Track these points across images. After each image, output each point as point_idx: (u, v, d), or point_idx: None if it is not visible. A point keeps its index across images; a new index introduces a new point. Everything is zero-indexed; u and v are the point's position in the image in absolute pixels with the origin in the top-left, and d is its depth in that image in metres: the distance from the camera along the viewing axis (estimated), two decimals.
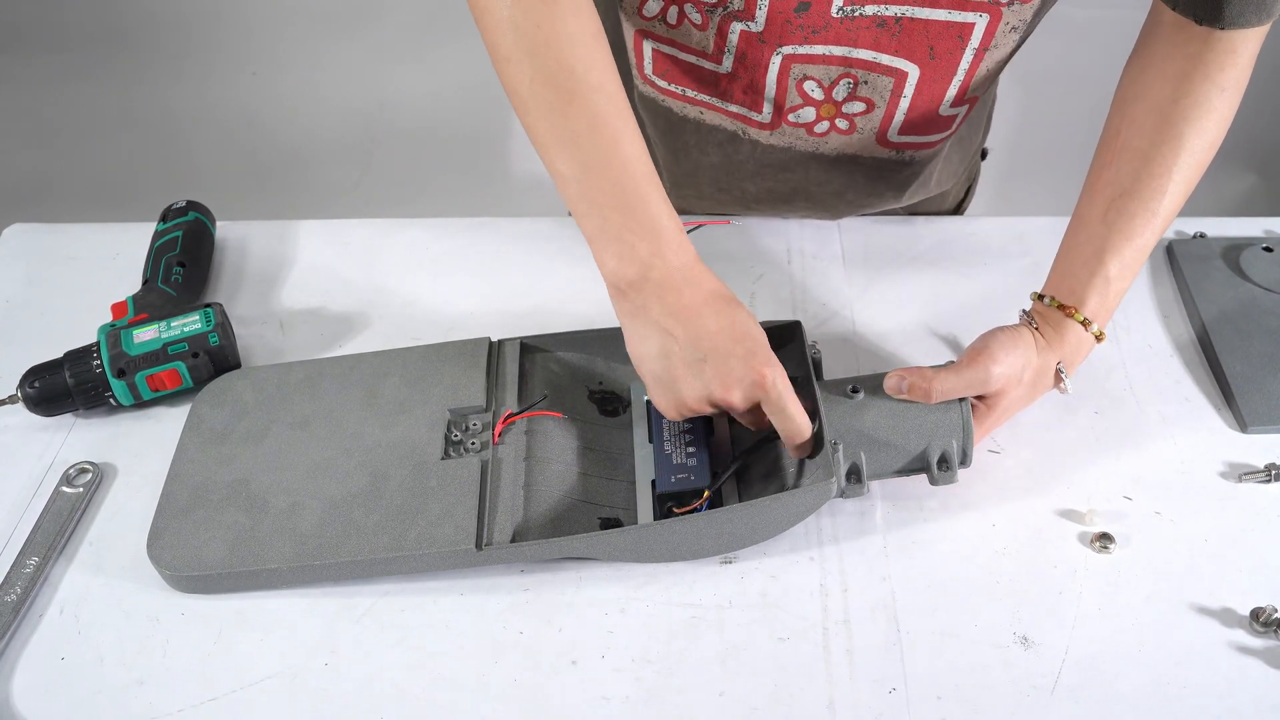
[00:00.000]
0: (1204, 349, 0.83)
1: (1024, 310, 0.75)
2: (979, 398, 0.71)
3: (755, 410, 0.68)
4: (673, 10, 0.78)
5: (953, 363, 0.71)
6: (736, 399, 0.66)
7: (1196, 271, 0.87)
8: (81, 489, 0.73)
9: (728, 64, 0.80)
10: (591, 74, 0.66)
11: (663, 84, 0.85)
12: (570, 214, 0.69)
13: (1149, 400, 0.79)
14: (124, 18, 2.03)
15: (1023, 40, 0.78)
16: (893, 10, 0.74)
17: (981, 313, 0.82)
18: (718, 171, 0.90)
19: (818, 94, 0.81)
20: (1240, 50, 0.71)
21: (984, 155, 1.04)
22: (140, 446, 0.76)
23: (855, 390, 0.70)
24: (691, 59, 0.82)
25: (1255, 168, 2.06)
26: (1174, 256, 0.90)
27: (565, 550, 0.67)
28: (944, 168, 0.92)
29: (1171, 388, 0.80)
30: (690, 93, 0.85)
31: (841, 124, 0.83)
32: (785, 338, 0.76)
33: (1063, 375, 0.72)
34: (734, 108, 0.84)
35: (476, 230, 0.94)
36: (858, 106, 0.82)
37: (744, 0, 0.74)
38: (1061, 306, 0.72)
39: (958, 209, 1.05)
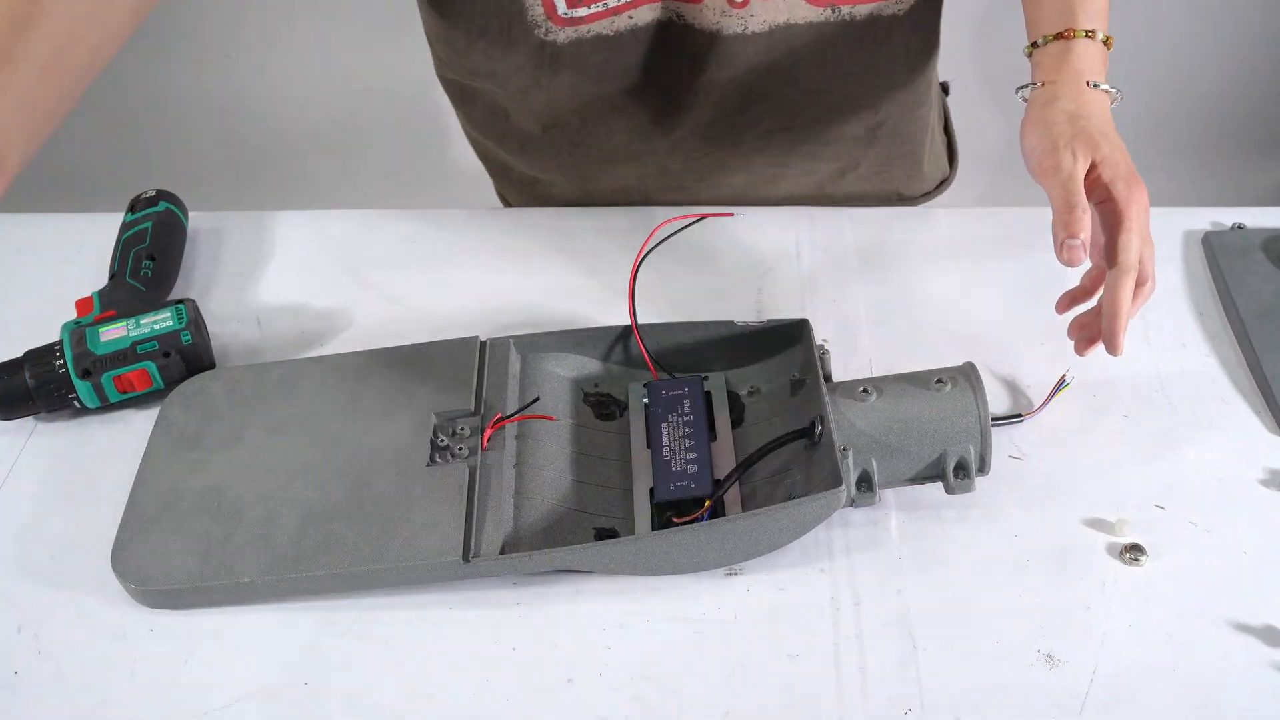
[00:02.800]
0: (1242, 347, 0.81)
1: (1019, 87, 0.73)
2: (1100, 202, 0.68)
3: None
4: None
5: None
6: None
7: (1234, 264, 0.85)
8: None
9: None
10: None
11: (576, 15, 0.82)
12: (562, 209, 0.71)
13: (1182, 402, 0.77)
14: None
15: None
16: None
17: (1004, 308, 0.81)
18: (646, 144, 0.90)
19: None
20: None
21: (945, 90, 1.04)
22: (107, 452, 0.75)
23: (867, 392, 0.69)
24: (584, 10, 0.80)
25: None
26: (1210, 248, 0.88)
27: (558, 562, 0.65)
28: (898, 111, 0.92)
29: (1207, 388, 0.78)
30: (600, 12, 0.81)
31: None
32: (792, 337, 0.75)
33: (1098, 86, 0.71)
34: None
35: (466, 223, 0.93)
36: None
37: None
38: (1058, 36, 0.71)
39: (948, 147, 1.04)
